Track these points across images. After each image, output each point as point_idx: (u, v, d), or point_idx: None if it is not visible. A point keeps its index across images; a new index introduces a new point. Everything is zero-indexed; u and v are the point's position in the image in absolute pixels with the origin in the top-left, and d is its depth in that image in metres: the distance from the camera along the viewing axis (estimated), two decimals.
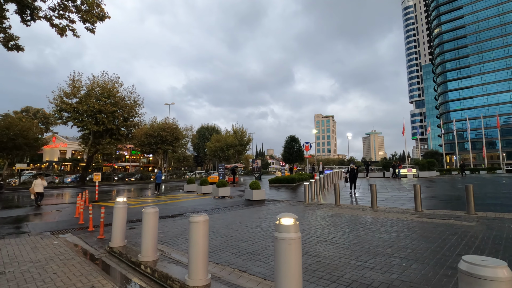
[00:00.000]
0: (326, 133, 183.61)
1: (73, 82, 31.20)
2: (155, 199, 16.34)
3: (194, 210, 11.61)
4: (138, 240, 6.46)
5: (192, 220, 3.71)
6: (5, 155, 29.36)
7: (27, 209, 12.58)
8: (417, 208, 9.63)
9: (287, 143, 29.54)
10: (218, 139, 60.32)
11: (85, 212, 9.99)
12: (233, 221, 8.58)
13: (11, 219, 10.03)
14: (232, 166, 30.56)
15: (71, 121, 31.52)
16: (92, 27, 11.84)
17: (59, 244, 6.24)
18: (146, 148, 47.36)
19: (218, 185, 17.06)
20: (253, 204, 13.13)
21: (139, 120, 36.48)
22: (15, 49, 12.94)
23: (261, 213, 10.11)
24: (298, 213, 9.83)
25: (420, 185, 9.77)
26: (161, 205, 13.62)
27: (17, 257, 5.25)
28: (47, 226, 8.74)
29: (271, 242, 5.91)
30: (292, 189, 19.93)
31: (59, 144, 62.76)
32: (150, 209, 4.86)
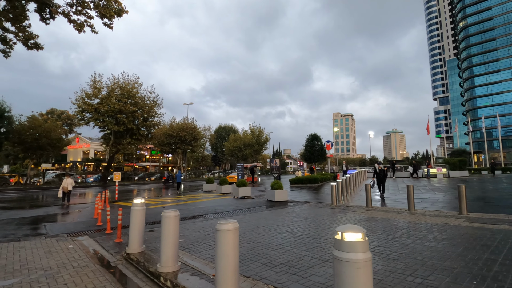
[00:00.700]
0: (345, 132, 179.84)
1: (94, 83, 31.68)
2: (175, 199, 15.99)
3: (215, 211, 11.08)
4: (157, 245, 5.94)
5: (220, 228, 3.08)
6: (29, 155, 30.16)
7: (48, 209, 12.50)
8: (462, 211, 8.62)
9: (308, 142, 28.48)
10: (236, 138, 60.00)
11: (104, 212, 9.67)
12: (257, 224, 7.94)
13: (31, 219, 9.85)
14: (251, 166, 29.97)
15: (93, 122, 32.01)
16: (110, 23, 11.58)
17: (74, 248, 5.82)
18: (166, 148, 47.70)
19: (238, 185, 16.51)
20: (275, 205, 12.45)
21: (158, 120, 36.66)
22: (35, 47, 12.90)
23: (287, 215, 9.41)
24: (328, 216, 9.06)
25: (464, 185, 8.74)
26: (181, 206, 13.21)
27: (28, 263, 4.83)
28: (65, 227, 8.44)
29: (304, 250, 5.22)
30: (315, 189, 19.07)
31: (82, 145, 64.61)
32: (170, 212, 4.29)
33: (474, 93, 78.02)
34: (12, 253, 5.48)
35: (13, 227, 8.48)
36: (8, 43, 14.56)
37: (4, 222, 9.19)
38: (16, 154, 46.47)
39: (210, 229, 7.42)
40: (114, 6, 11.42)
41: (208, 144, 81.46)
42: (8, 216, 10.46)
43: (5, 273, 4.38)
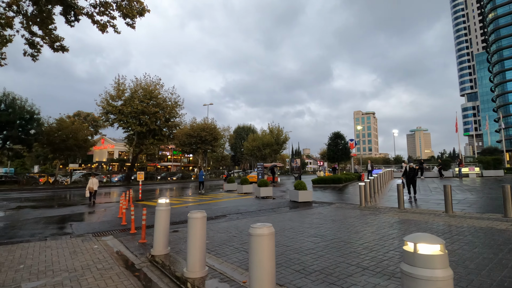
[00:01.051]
0: (367, 130, 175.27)
1: (118, 85, 32.45)
2: (197, 199, 15.91)
3: (238, 211, 10.81)
4: (182, 246, 5.73)
5: (254, 232, 2.76)
6: (57, 156, 31.35)
7: (75, 208, 12.73)
8: (508, 213, 7.86)
9: (331, 140, 27.62)
10: (255, 138, 59.70)
11: (128, 212, 9.66)
12: (283, 226, 7.57)
13: (58, 218, 10.00)
14: (271, 165, 29.59)
15: (117, 123, 32.80)
16: (132, 22, 11.62)
17: (99, 249, 5.71)
18: (187, 148, 48.27)
19: (260, 185, 16.21)
20: (299, 206, 12.03)
21: (179, 121, 37.03)
22: (60, 49, 13.18)
23: (313, 217, 8.98)
24: (357, 218, 8.55)
25: (510, 185, 7.96)
26: (204, 205, 13.07)
27: (53, 264, 4.74)
28: (90, 227, 8.45)
29: (339, 256, 4.81)
30: (340, 190, 18.42)
31: (107, 146, 66.73)
32: (196, 213, 4.02)
33: (506, 88, 73.57)
34: (38, 253, 5.44)
35: (41, 226, 8.60)
36: (36, 46, 15.02)
37: (33, 221, 9.36)
38: (46, 155, 48.65)
39: (235, 230, 7.14)
40: (136, 6, 11.45)
41: (227, 144, 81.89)
42: (36, 215, 10.70)
43: (30, 274, 4.28)
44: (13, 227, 8.35)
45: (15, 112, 23.11)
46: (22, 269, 4.50)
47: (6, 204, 14.40)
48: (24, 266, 4.66)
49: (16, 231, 7.75)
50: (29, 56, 15.15)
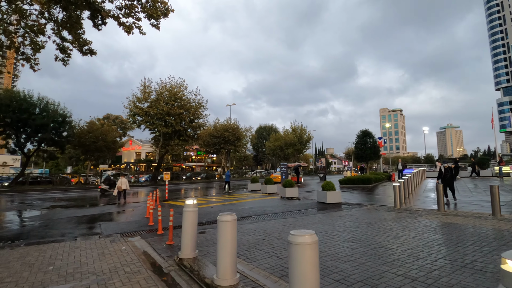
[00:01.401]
0: (394, 128, 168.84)
1: (144, 88, 33.28)
2: (222, 199, 15.78)
3: (264, 212, 10.50)
4: (210, 249, 5.50)
5: (295, 240, 2.42)
6: (88, 157, 32.64)
7: (104, 208, 12.99)
8: None
9: (359, 139, 26.51)
10: (277, 138, 59.08)
11: (155, 212, 9.63)
12: (314, 229, 7.16)
13: (87, 218, 10.18)
14: (296, 165, 29.01)
15: (144, 124, 33.66)
16: (156, 23, 11.68)
17: (127, 251, 5.61)
18: (211, 148, 48.75)
19: (285, 185, 15.81)
20: (327, 208, 11.51)
21: (203, 121, 37.40)
22: (89, 53, 13.52)
23: (345, 220, 8.48)
24: (394, 221, 7.95)
25: None
26: (229, 206, 12.89)
27: (81, 266, 4.65)
28: (118, 227, 8.47)
29: (382, 264, 4.35)
30: (369, 191, 17.60)
31: (135, 147, 68.95)
32: (226, 216, 3.74)
33: None
34: (67, 253, 5.41)
35: (72, 225, 8.75)
36: (66, 51, 15.54)
37: (65, 221, 9.57)
38: (78, 156, 50.99)
39: (263, 233, 6.83)
40: (160, 6, 11.49)
41: (249, 144, 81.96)
42: (68, 215, 10.98)
43: (59, 277, 4.20)
44: (45, 226, 8.54)
45: (48, 115, 24.24)
46: (51, 271, 4.44)
47: (41, 203, 15.00)
48: (53, 267, 4.61)
49: (48, 231, 7.90)
50: (60, 61, 15.68)
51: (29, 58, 15.43)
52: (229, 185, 22.13)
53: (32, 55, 15.33)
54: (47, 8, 13.75)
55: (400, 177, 24.34)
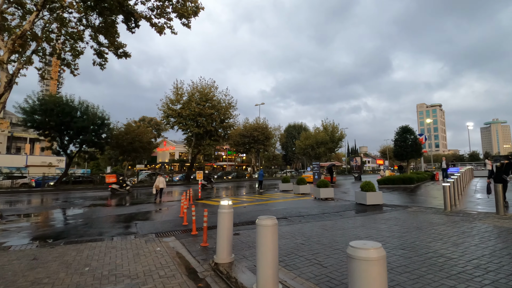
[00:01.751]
0: (433, 124, 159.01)
1: (176, 90, 34.09)
2: (254, 198, 15.50)
3: (299, 214, 10.02)
4: (246, 253, 5.18)
5: (357, 255, 1.98)
6: (126, 157, 34.06)
7: (141, 206, 13.23)
8: None
9: (399, 135, 24.84)
10: (307, 136, 57.69)
11: (189, 211, 9.53)
12: (356, 234, 6.58)
13: (124, 217, 10.35)
14: (329, 165, 28.04)
15: (177, 125, 34.50)
16: (187, 22, 11.65)
17: (161, 252, 5.45)
18: (241, 148, 48.94)
19: (319, 185, 15.16)
20: (367, 209, 10.76)
21: (233, 121, 37.55)
22: (124, 56, 13.90)
23: (390, 223, 7.77)
24: (448, 226, 7.13)
25: None
26: (261, 206, 12.55)
27: (116, 268, 4.53)
28: (153, 226, 8.46)
29: (447, 278, 3.74)
30: (411, 191, 16.38)
31: (169, 147, 71.31)
32: (266, 220, 3.37)
33: None
34: (103, 254, 5.37)
35: (109, 224, 8.89)
36: (103, 56, 16.12)
37: (102, 220, 9.79)
38: (116, 157, 53.67)
39: (301, 237, 6.38)
40: (190, 5, 11.44)
41: (278, 143, 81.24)
42: (106, 213, 11.28)
43: (94, 279, 4.10)
44: (85, 225, 8.75)
45: (89, 118, 25.56)
46: (87, 272, 4.36)
47: (82, 202, 15.70)
48: (89, 268, 4.54)
49: (87, 229, 8.06)
50: (98, 66, 16.31)
51: (70, 64, 16.24)
52: (261, 185, 22.05)
53: (72, 61, 16.12)
54: (84, 15, 14.37)
55: (444, 176, 22.54)
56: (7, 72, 10.20)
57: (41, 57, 16.04)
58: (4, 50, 10.12)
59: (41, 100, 24.06)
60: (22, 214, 11.57)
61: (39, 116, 23.82)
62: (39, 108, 23.70)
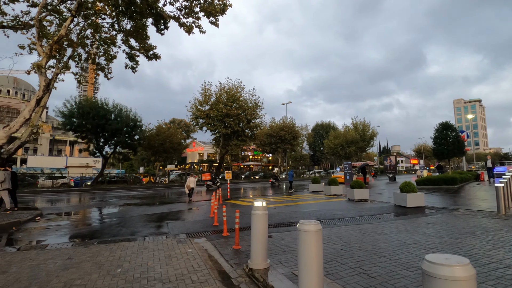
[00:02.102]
0: (472, 121, 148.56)
1: (204, 91, 34.58)
2: (284, 199, 15.10)
3: (334, 217, 9.49)
4: (281, 258, 4.83)
5: (440, 272, 1.57)
6: (157, 158, 35.04)
7: (172, 206, 13.34)
8: None
9: (439, 133, 23.04)
10: (337, 135, 55.99)
11: (219, 212, 9.38)
12: (401, 239, 5.99)
13: (156, 216, 10.41)
14: (362, 164, 26.88)
15: (205, 126, 34.98)
16: (215, 20, 11.57)
17: (193, 254, 5.26)
18: (267, 148, 48.67)
19: (353, 186, 14.44)
20: (407, 212, 9.99)
21: (260, 121, 37.39)
22: (154, 57, 14.11)
23: (438, 228, 7.06)
24: (508, 230, 6.31)
25: None
26: (292, 207, 12.13)
27: (148, 271, 4.39)
28: (184, 226, 8.37)
29: None
30: (455, 192, 15.12)
31: (198, 148, 72.80)
32: (309, 225, 3.00)
33: None
34: (136, 254, 5.27)
35: (141, 223, 8.94)
36: (134, 59, 16.54)
37: (136, 219, 9.90)
38: (148, 157, 55.58)
39: (339, 241, 5.92)
40: (217, 3, 11.33)
41: (305, 143, 79.86)
42: (139, 212, 11.44)
43: (125, 282, 3.96)
44: (118, 224, 8.87)
45: (122, 120, 26.52)
46: (119, 274, 4.24)
47: (117, 201, 16.18)
48: (121, 270, 4.43)
49: (120, 229, 8.12)
50: (130, 69, 16.72)
51: (103, 68, 16.83)
52: (291, 185, 21.82)
53: (106, 65, 16.72)
54: (116, 20, 14.79)
55: (490, 176, 20.70)
56: (45, 76, 10.67)
57: (77, 63, 16.81)
58: (42, 56, 10.60)
59: (78, 104, 25.34)
60: (61, 213, 12.05)
61: (77, 119, 25.10)
62: (76, 111, 24.99)
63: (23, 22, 12.19)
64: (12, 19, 12.24)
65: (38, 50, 10.85)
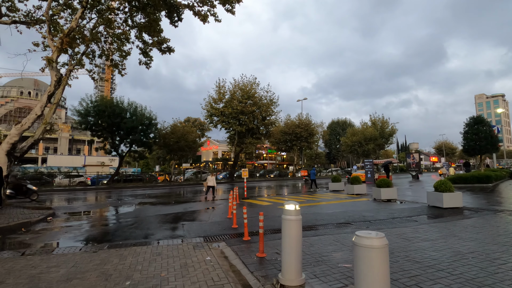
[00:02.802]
0: (494, 117, 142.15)
1: (218, 89, 34.05)
2: (304, 199, 14.28)
3: (364, 219, 8.64)
4: (316, 270, 4.10)
5: None
6: (172, 156, 34.87)
7: (187, 205, 12.82)
8: None
9: (470, 128, 21.34)
10: (355, 132, 54.33)
11: (238, 212, 8.70)
12: (453, 247, 5.13)
13: (171, 216, 9.86)
14: (385, 161, 25.59)
15: (220, 124, 34.44)
16: (231, 8, 10.90)
17: (212, 263, 4.60)
18: (282, 146, 47.82)
19: (380, 185, 13.51)
20: (444, 213, 9.03)
21: (275, 118, 36.57)
22: (167, 51, 13.60)
23: (489, 232, 6.13)
24: None
25: None
26: (314, 208, 11.33)
27: (161, 284, 3.75)
28: (201, 228, 7.75)
29: None
30: (490, 192, 13.90)
31: (212, 147, 72.74)
32: (372, 239, 2.24)
33: None
34: (148, 262, 4.67)
35: (156, 225, 8.40)
36: (148, 54, 16.16)
37: (150, 219, 9.39)
38: (164, 156, 55.79)
39: None
40: None
41: (321, 141, 78.24)
42: (154, 212, 10.94)
43: None
44: (131, 225, 8.36)
45: (137, 119, 26.35)
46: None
47: (132, 199, 15.83)
48: (130, 283, 3.82)
49: (133, 231, 7.59)
50: (144, 65, 16.35)
51: (117, 64, 16.53)
52: (315, 183, 21.21)
53: (120, 61, 16.40)
54: (129, 15, 14.35)
55: None
56: (56, 71, 10.31)
57: (91, 59, 16.58)
58: (53, 49, 10.24)
59: (94, 103, 25.29)
60: (74, 212, 11.71)
61: (92, 118, 25.08)
62: (92, 110, 24.96)
63: (35, 18, 11.91)
64: (25, 15, 11.98)
65: (49, 44, 10.51)
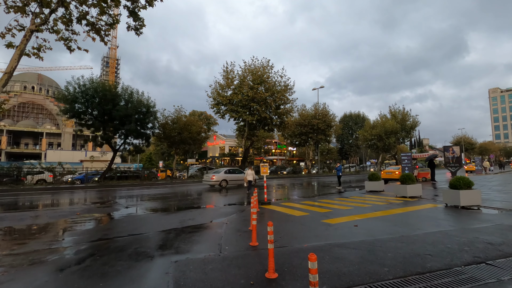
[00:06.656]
0: (509, 112, 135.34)
1: (226, 74, 30.11)
2: (350, 204, 10.24)
3: (501, 253, 4.73)
4: None
5: None
6: (175, 150, 31.14)
7: (189, 214, 9.07)
8: None
9: None
10: (375, 125, 49.82)
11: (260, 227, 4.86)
12: None
13: (157, 240, 6.07)
14: (430, 155, 21.57)
15: (228, 114, 30.53)
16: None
17: None
18: (297, 139, 43.87)
19: (458, 186, 9.69)
20: None
21: (290, 107, 32.51)
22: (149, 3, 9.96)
23: None
24: None
25: None
26: (383, 223, 7.31)
27: None
28: (206, 278, 3.93)
29: None
30: None
31: (219, 142, 69.27)
32: None
33: None
34: None
35: (120, 266, 4.58)
36: (138, 15, 12.52)
37: (117, 250, 5.63)
38: (168, 151, 52.33)
39: None
40: None
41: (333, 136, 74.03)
42: (132, 230, 7.19)
43: None
44: (76, 265, 4.55)
45: (133, 106, 22.64)
46: None
47: (114, 204, 12.17)
48: None
49: (76, 281, 3.78)
50: (133, 30, 12.75)
51: (99, 29, 12.88)
52: (339, 181, 17.63)
53: (102, 26, 12.76)
54: None
55: None
56: None
57: (67, 25, 12.92)
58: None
59: (82, 87, 21.52)
60: (13, 229, 8.02)
61: (80, 105, 21.41)
62: (80, 95, 21.27)
63: None
64: None
65: None
